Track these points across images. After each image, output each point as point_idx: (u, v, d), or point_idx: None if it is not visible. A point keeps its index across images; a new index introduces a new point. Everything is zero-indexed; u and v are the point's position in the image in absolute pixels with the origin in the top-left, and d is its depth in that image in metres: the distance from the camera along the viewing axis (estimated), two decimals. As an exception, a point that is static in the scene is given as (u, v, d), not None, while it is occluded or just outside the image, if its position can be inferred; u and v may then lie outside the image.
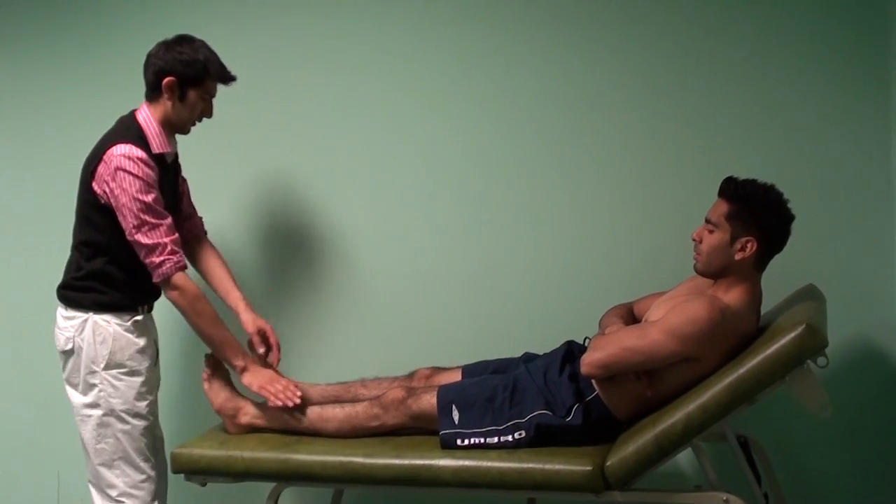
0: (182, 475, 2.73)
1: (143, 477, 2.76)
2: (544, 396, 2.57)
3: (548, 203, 3.10)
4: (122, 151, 2.64)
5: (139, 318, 2.79)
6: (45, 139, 3.52)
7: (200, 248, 3.00)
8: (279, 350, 2.88)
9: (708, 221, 2.57)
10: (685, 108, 2.96)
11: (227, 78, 2.79)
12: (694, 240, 2.59)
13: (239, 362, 2.79)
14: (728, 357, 2.42)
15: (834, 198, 2.87)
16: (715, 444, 2.77)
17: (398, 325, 3.25)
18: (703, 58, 2.94)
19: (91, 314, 2.73)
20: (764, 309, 2.61)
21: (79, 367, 2.74)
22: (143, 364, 2.78)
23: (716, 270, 2.55)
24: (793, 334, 2.25)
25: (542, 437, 2.52)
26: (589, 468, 2.38)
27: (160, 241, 2.66)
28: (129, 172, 2.63)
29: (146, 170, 2.65)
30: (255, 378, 2.78)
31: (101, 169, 2.67)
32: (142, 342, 2.78)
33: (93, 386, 2.73)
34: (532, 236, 3.12)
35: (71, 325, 2.75)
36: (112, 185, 2.64)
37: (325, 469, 2.57)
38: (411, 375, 2.91)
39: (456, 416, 2.59)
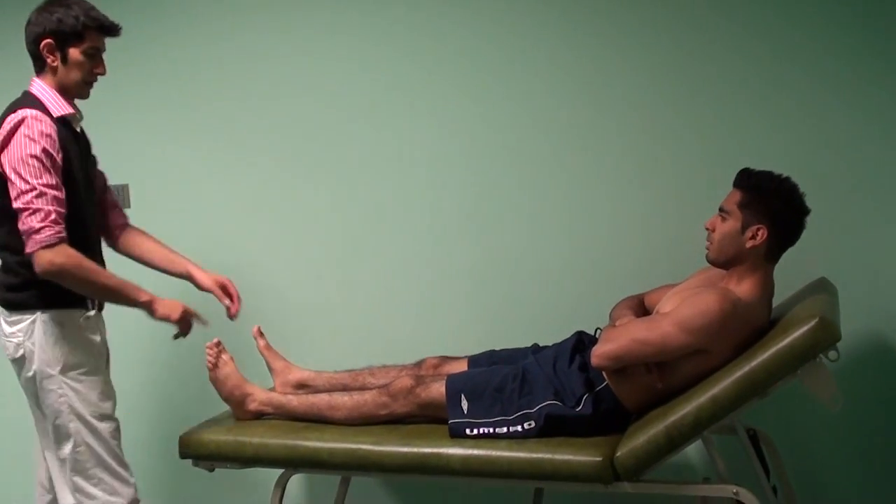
0: (189, 461, 2.73)
1: (123, 483, 2.56)
2: (554, 386, 2.57)
3: (558, 194, 3.08)
4: (19, 116, 2.43)
5: (90, 313, 2.56)
6: None
7: (129, 233, 2.78)
8: (239, 301, 2.74)
9: (721, 210, 2.56)
10: (702, 99, 2.94)
11: (108, 28, 2.56)
12: (707, 228, 2.58)
13: (144, 297, 2.53)
14: (739, 349, 2.41)
15: (847, 191, 2.85)
16: (724, 437, 2.76)
17: (406, 314, 3.25)
18: (724, 48, 2.91)
19: (38, 313, 2.48)
20: (775, 302, 2.59)
21: (33, 374, 2.50)
22: (101, 362, 2.59)
23: (727, 259, 2.54)
24: (806, 328, 2.24)
25: (551, 427, 2.51)
26: (598, 459, 2.37)
27: (45, 207, 2.38)
28: (26, 135, 2.41)
29: (43, 129, 2.43)
30: (170, 310, 2.56)
31: None
32: (96, 339, 2.58)
33: (51, 392, 2.49)
34: (542, 227, 3.11)
35: (18, 329, 2.50)
36: (6, 151, 2.42)
37: (333, 456, 2.57)
38: (419, 364, 2.90)
39: (465, 405, 2.58)
